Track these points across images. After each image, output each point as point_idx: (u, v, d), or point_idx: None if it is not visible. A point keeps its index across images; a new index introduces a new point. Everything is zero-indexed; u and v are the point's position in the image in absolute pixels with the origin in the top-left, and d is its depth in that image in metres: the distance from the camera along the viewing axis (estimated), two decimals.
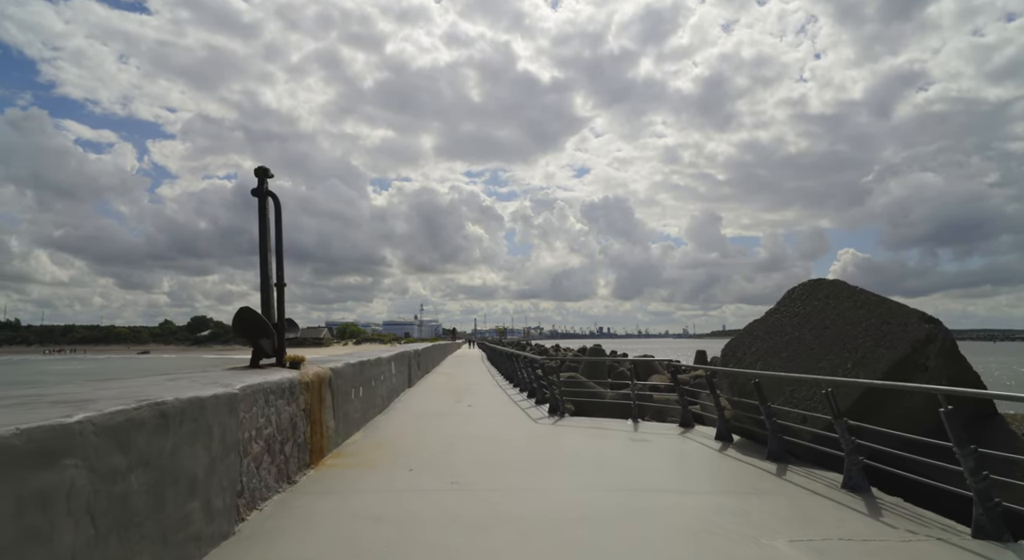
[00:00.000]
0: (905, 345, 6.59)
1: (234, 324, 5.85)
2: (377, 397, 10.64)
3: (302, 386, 5.99)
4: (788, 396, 7.30)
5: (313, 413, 6.35)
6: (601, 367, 16.08)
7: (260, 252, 6.58)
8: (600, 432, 9.16)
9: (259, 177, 6.65)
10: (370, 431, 8.86)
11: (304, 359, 6.60)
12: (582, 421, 10.47)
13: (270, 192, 6.72)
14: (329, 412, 7.11)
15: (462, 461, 6.74)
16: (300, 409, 5.87)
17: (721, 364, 8.71)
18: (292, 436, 5.59)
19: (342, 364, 7.94)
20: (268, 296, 6.53)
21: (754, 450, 7.55)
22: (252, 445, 4.52)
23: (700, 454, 7.50)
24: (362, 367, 9.21)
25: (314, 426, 6.37)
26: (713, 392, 8.52)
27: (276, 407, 5.12)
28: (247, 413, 4.41)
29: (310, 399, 6.25)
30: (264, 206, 6.63)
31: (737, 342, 8.66)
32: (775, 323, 8.33)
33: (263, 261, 6.56)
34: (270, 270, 6.60)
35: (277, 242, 6.72)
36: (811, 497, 5.30)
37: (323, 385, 6.80)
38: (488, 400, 13.47)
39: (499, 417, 10.72)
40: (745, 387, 7.93)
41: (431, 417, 10.46)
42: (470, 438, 8.33)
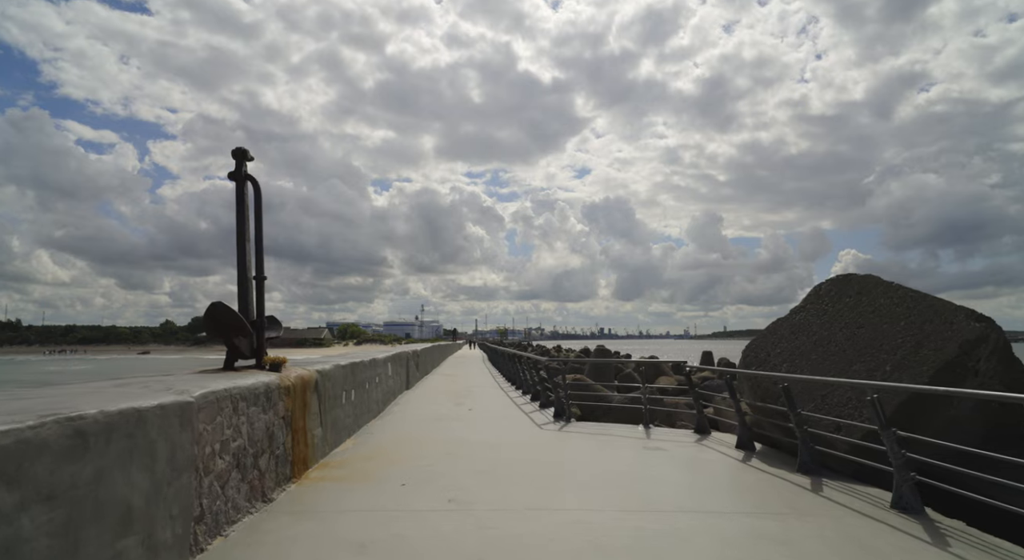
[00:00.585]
0: (952, 346, 5.94)
1: (205, 321, 5.21)
2: (372, 401, 10.00)
3: (282, 391, 5.35)
4: (819, 402, 6.65)
5: (295, 421, 5.71)
6: (607, 369, 15.42)
7: (237, 241, 5.95)
8: (610, 439, 8.51)
9: (236, 159, 6.02)
10: (363, 438, 8.21)
11: (286, 361, 5.96)
12: (589, 426, 9.82)
13: (249, 176, 6.08)
14: (315, 419, 6.47)
15: (461, 473, 6.09)
16: (279, 417, 5.23)
17: (742, 366, 8.07)
18: (269, 448, 4.95)
19: (331, 366, 7.30)
20: (246, 290, 5.89)
21: (781, 461, 6.90)
22: (215, 461, 3.88)
23: (722, 465, 6.85)
24: (354, 369, 8.57)
25: (296, 435, 5.73)
26: (733, 396, 7.87)
27: (248, 416, 4.48)
28: (208, 424, 3.77)
29: (291, 405, 5.61)
30: (242, 191, 6.00)
31: (760, 343, 8.01)
32: (801, 322, 7.68)
33: (240, 252, 5.92)
34: (248, 262, 5.96)
35: (256, 231, 6.08)
36: (859, 519, 4.65)
37: (307, 389, 6.16)
38: (490, 403, 12.83)
39: (501, 422, 10.07)
40: (771, 391, 7.29)
41: (429, 422, 9.82)
42: (470, 445, 7.69)
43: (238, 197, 5.98)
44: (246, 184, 6.05)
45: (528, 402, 12.94)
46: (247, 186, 6.07)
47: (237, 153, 6.01)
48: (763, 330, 8.14)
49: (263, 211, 6.13)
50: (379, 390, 10.85)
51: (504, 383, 18.51)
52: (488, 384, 18.12)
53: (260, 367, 5.81)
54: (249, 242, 6.01)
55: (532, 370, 13.65)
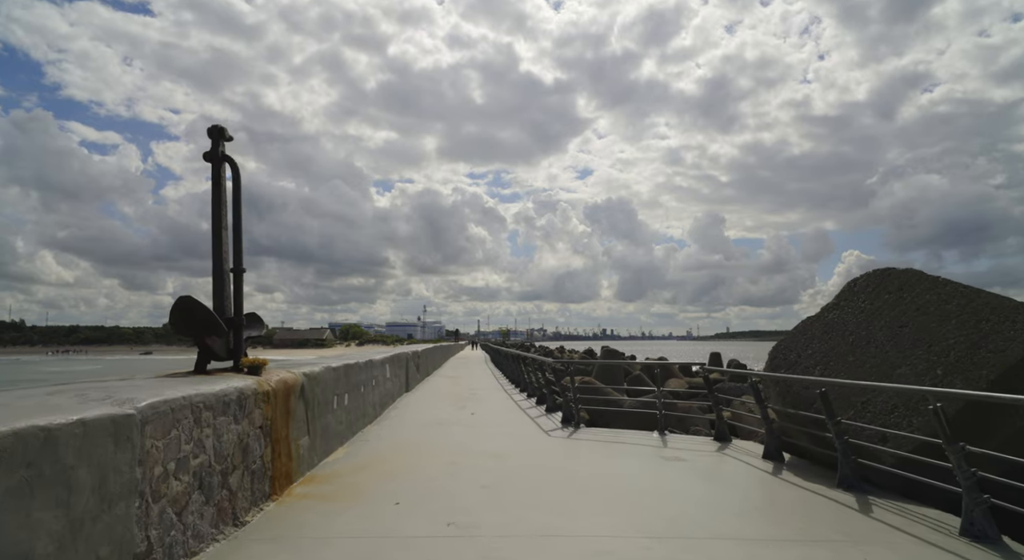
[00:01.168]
0: (1018, 347, 5.27)
1: (172, 318, 4.59)
2: (367, 405, 9.37)
3: (259, 397, 4.71)
4: (859, 409, 5.99)
5: (276, 430, 5.08)
6: (616, 371, 14.76)
7: (212, 229, 5.33)
8: (624, 448, 7.85)
9: (212, 138, 5.40)
10: (356, 446, 7.58)
11: (266, 362, 5.33)
12: (600, 433, 9.17)
13: (227, 156, 5.47)
14: (301, 426, 5.84)
15: (463, 489, 5.45)
16: (255, 427, 4.59)
17: (769, 369, 7.41)
18: (242, 462, 4.32)
19: (320, 368, 6.67)
20: (222, 284, 5.27)
21: (816, 474, 6.25)
22: (170, 483, 3.25)
23: (752, 479, 6.19)
24: (347, 371, 7.94)
25: (277, 446, 5.09)
26: (760, 402, 7.21)
27: (215, 427, 3.85)
28: (160, 440, 3.14)
29: (272, 413, 4.98)
30: (218, 173, 5.38)
31: (789, 343, 7.35)
32: (835, 321, 7.02)
33: (216, 241, 5.30)
34: (225, 252, 5.34)
35: (235, 217, 5.46)
36: (925, 549, 3.99)
37: (291, 394, 5.53)
38: (493, 407, 12.19)
39: (506, 427, 9.43)
40: (803, 397, 6.63)
41: (429, 428, 9.18)
42: (473, 455, 7.04)
43: (214, 180, 5.36)
44: (223, 165, 5.43)
45: (533, 406, 12.30)
46: (224, 167, 5.45)
47: (213, 131, 5.39)
48: (792, 330, 7.48)
49: (242, 195, 5.50)
50: (376, 393, 10.22)
51: (508, 385, 17.87)
52: (491, 386, 17.48)
53: (237, 370, 5.19)
54: (226, 230, 5.39)
55: (538, 372, 13.01)
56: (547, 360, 11.49)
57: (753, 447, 8.01)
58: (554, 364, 10.45)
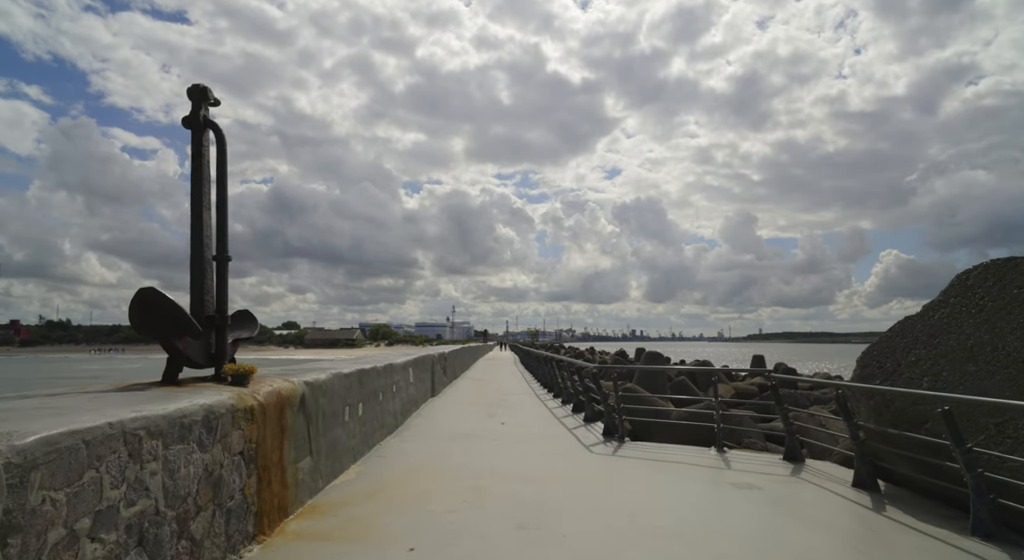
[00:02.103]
0: None
1: (131, 314, 3.68)
2: (386, 413, 8.43)
3: (240, 415, 3.77)
4: (992, 433, 4.74)
5: (264, 454, 4.13)
6: (659, 377, 13.54)
7: (191, 208, 4.42)
8: (681, 470, 6.71)
9: (193, 101, 4.50)
10: (371, 464, 6.63)
11: (254, 370, 4.39)
12: (648, 449, 8.03)
13: (210, 122, 4.56)
14: (301, 446, 4.90)
15: (492, 527, 4.42)
16: (232, 453, 3.65)
17: (859, 377, 6.17)
18: (212, 501, 3.38)
19: (327, 375, 5.73)
20: (202, 275, 4.36)
21: (929, 511, 5.02)
22: (80, 550, 2.30)
23: (852, 517, 4.99)
24: (362, 377, 7.00)
25: (265, 474, 4.15)
26: (848, 419, 5.99)
27: (165, 460, 2.90)
28: (61, 490, 2.19)
29: (258, 433, 4.04)
30: (200, 141, 4.47)
31: (884, 348, 6.10)
32: (944, 321, 5.74)
33: (195, 223, 4.39)
34: (206, 236, 4.43)
35: (220, 195, 4.55)
36: None
37: (286, 408, 4.58)
38: (526, 415, 11.14)
39: (541, 442, 8.36)
40: (906, 414, 5.41)
41: (454, 441, 8.19)
42: (504, 479, 6.01)
43: (194, 150, 4.45)
44: (206, 132, 4.52)
45: (569, 414, 11.21)
46: (207, 135, 4.54)
47: (194, 92, 4.49)
48: (887, 332, 6.22)
49: (227, 168, 4.58)
50: (397, 400, 9.29)
51: (539, 389, 16.80)
52: (522, 391, 16.44)
53: (219, 379, 4.27)
54: (208, 210, 4.48)
55: (574, 377, 11.91)
56: (586, 364, 10.37)
57: (833, 470, 6.77)
58: (595, 369, 9.34)
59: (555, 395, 14.55)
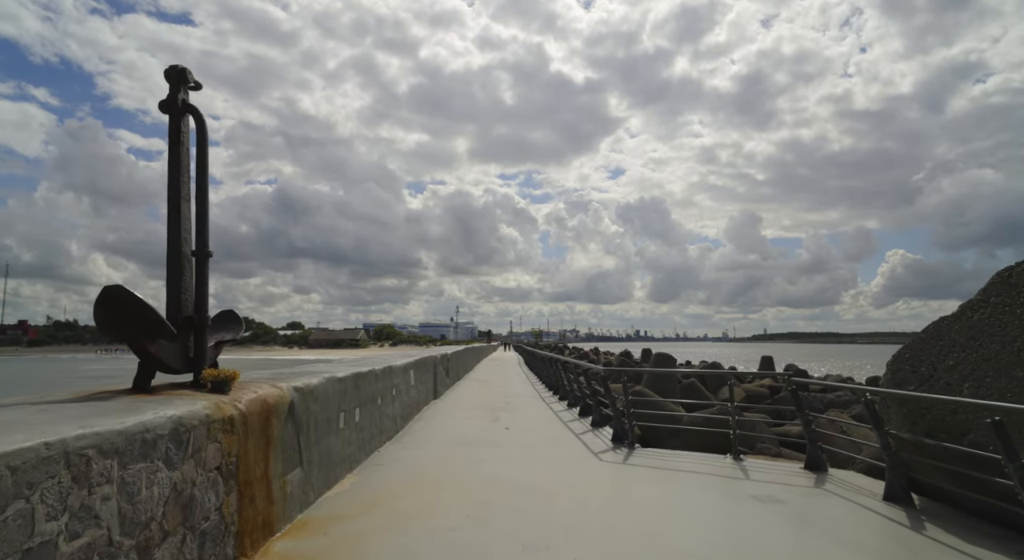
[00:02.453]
0: None
1: (96, 313, 3.32)
2: (386, 418, 8.06)
3: (217, 426, 3.40)
4: None
5: (247, 468, 3.76)
6: (668, 379, 13.11)
7: (168, 199, 4.06)
8: (697, 479, 6.31)
9: (171, 82, 4.14)
10: (368, 474, 6.26)
11: (236, 375, 4.02)
12: (660, 456, 7.63)
13: (190, 106, 4.20)
14: (291, 456, 4.53)
15: (497, 550, 4.04)
16: (207, 469, 3.28)
17: (891, 383, 5.75)
18: (183, 524, 3.01)
19: (319, 379, 5.36)
20: (179, 271, 4.00)
21: (973, 531, 4.61)
22: None
23: (890, 538, 4.57)
24: (358, 381, 6.63)
25: (248, 489, 3.78)
26: (879, 427, 5.57)
27: (122, 482, 2.54)
28: None
29: (240, 445, 3.67)
30: (178, 127, 4.11)
31: (918, 351, 5.68)
32: (986, 322, 5.32)
33: (173, 215, 4.03)
34: (185, 229, 4.07)
35: (199, 185, 4.19)
36: None
37: (272, 417, 4.21)
38: (530, 419, 10.74)
39: (547, 448, 7.97)
40: (944, 423, 5.00)
41: (456, 448, 7.80)
42: (508, 490, 5.63)
43: (172, 136, 4.09)
44: (184, 118, 4.16)
45: (576, 418, 10.81)
46: (186, 121, 4.18)
47: (172, 74, 4.13)
48: (921, 333, 5.80)
49: (208, 156, 4.22)
50: (397, 404, 8.92)
51: (544, 391, 16.41)
52: (526, 393, 16.05)
53: (198, 386, 3.90)
54: (187, 201, 4.12)
55: (581, 379, 11.51)
56: (594, 366, 9.97)
57: (859, 480, 6.37)
58: (603, 371, 8.94)
59: (560, 397, 14.16)
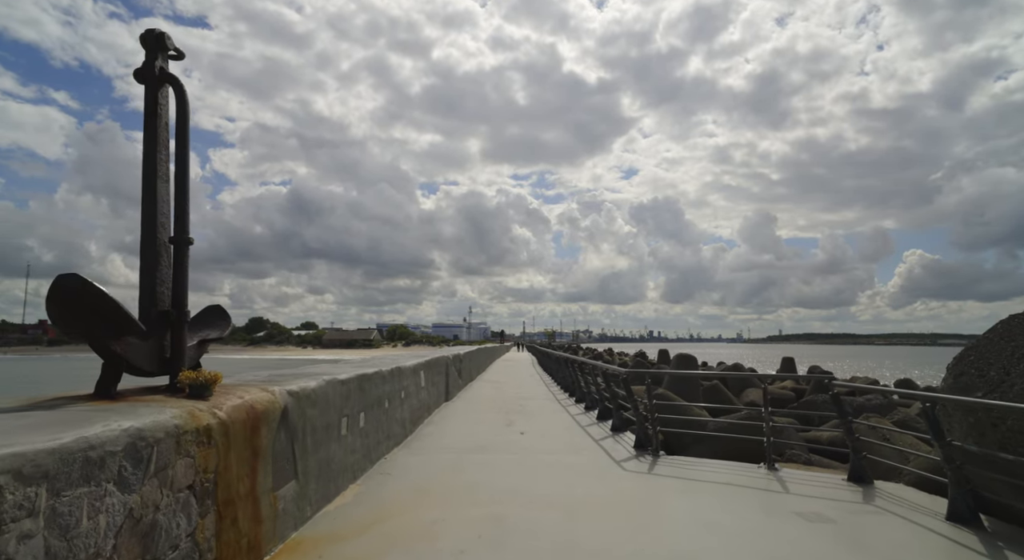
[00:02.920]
0: None
1: (49, 307, 2.86)
2: (393, 422, 7.59)
3: (192, 437, 2.93)
4: None
5: (227, 485, 3.29)
6: (692, 382, 12.51)
7: (143, 179, 3.60)
8: (731, 492, 5.74)
9: (148, 49, 3.68)
10: (372, 484, 5.78)
11: (218, 378, 3.54)
12: (688, 465, 7.06)
13: (169, 75, 3.74)
14: (284, 468, 4.06)
15: None
16: (177, 489, 2.80)
17: (953, 388, 5.15)
18: (140, 557, 2.53)
19: (318, 382, 4.89)
20: (155, 261, 3.54)
21: None
22: None
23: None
24: (363, 384, 6.16)
25: (229, 510, 3.30)
26: (939, 438, 4.97)
27: (52, 513, 2.06)
28: None
29: (218, 459, 3.19)
30: (155, 99, 3.65)
31: (985, 353, 5.07)
32: None
33: (147, 196, 3.58)
34: (162, 214, 3.61)
35: (179, 164, 3.73)
36: None
37: (261, 425, 3.73)
38: (546, 424, 10.22)
39: (565, 455, 7.45)
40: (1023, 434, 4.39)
41: (469, 455, 7.31)
42: (526, 504, 5.12)
43: (147, 108, 3.63)
44: (163, 89, 3.70)
45: (594, 422, 10.27)
46: (165, 92, 3.72)
47: (149, 39, 3.68)
48: (986, 334, 5.20)
49: (189, 132, 3.75)
50: (406, 407, 8.45)
51: (559, 393, 15.87)
52: (541, 394, 15.52)
53: (175, 390, 3.43)
54: (165, 182, 3.66)
55: (599, 380, 10.95)
56: (616, 368, 9.42)
57: (911, 494, 5.76)
58: (625, 373, 8.39)
59: (577, 400, 13.62)
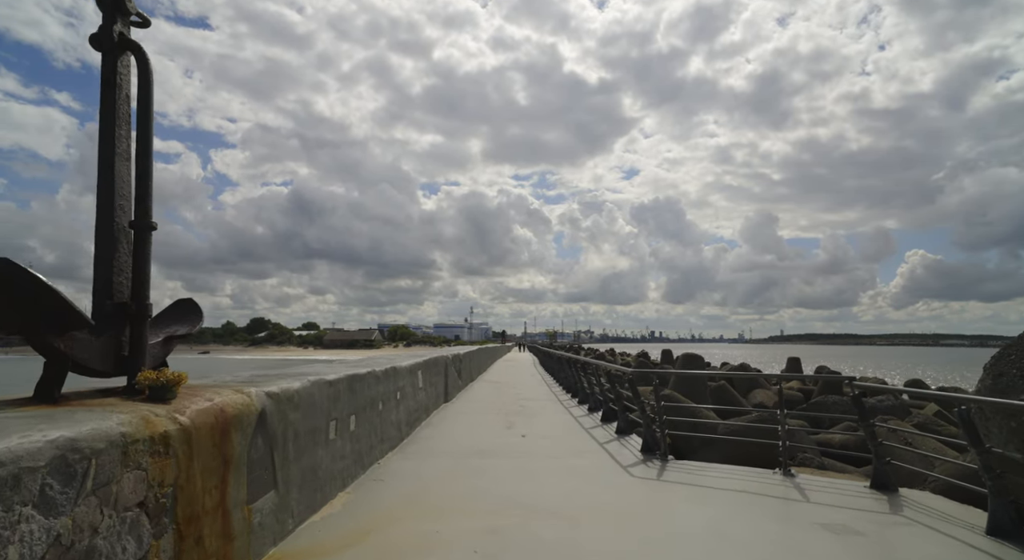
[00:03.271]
0: None
1: None
2: (388, 425, 7.21)
3: (144, 447, 2.55)
4: None
5: (188, 502, 2.91)
6: (699, 383, 12.12)
7: (100, 156, 3.23)
8: (747, 501, 5.36)
9: (105, 12, 3.31)
10: (363, 491, 5.40)
11: (183, 378, 3.16)
12: (697, 470, 6.67)
13: (130, 42, 3.36)
14: (261, 478, 3.68)
15: None
16: (124, 508, 2.42)
17: (991, 391, 4.75)
18: None
19: (303, 383, 4.51)
20: (111, 247, 3.16)
21: None
22: None
23: None
24: (353, 384, 5.78)
25: (191, 528, 2.92)
26: (977, 444, 4.57)
27: None
28: None
29: (178, 471, 2.81)
30: (114, 68, 3.28)
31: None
32: None
33: (104, 175, 3.20)
34: (120, 196, 3.24)
35: (141, 141, 3.35)
36: None
37: (232, 431, 3.35)
38: (549, 425, 9.83)
39: (569, 460, 7.07)
40: None
41: (466, 460, 6.93)
42: (528, 516, 4.73)
43: (105, 77, 3.26)
44: (124, 57, 3.33)
45: (598, 424, 9.88)
46: (126, 61, 3.34)
47: (107, 1, 3.30)
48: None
49: (153, 106, 3.38)
50: (402, 409, 8.07)
51: (561, 394, 15.49)
52: (543, 396, 15.13)
53: (133, 392, 3.06)
54: (125, 160, 3.28)
55: (604, 381, 10.56)
56: (621, 368, 9.02)
57: (940, 504, 5.37)
58: (632, 373, 8.00)
59: (580, 401, 13.24)
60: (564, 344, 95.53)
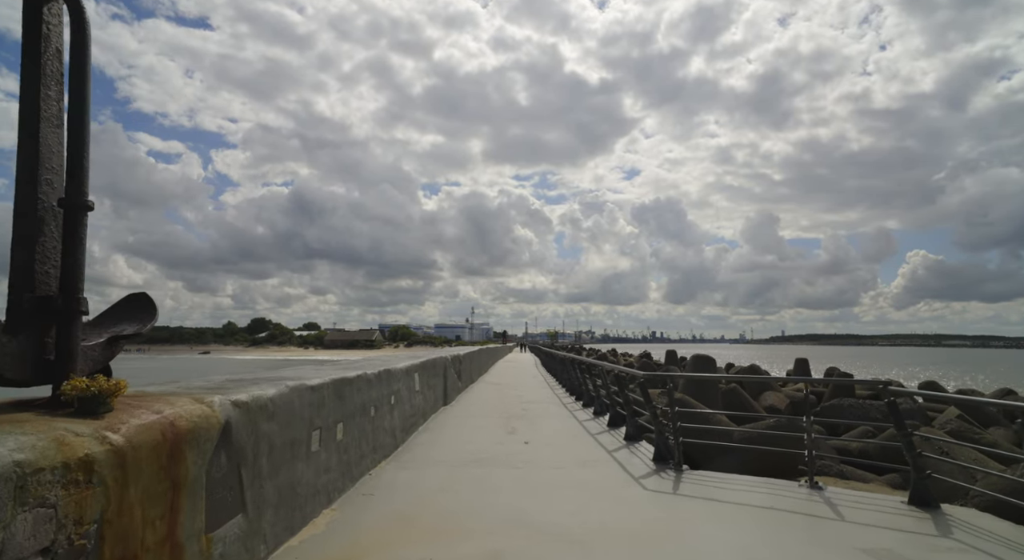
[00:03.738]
0: None
1: None
2: (381, 432, 6.68)
3: (54, 476, 2.02)
4: None
5: (119, 537, 2.37)
6: (711, 387, 11.57)
7: (21, 121, 2.69)
8: (775, 518, 4.82)
9: None
10: (351, 508, 4.87)
11: (121, 387, 2.62)
12: (716, 482, 6.12)
13: None
14: (228, 500, 3.15)
15: None
16: (19, 555, 1.90)
17: None
18: None
19: (279, 389, 3.98)
20: (35, 230, 2.63)
21: None
22: None
23: None
24: (340, 389, 5.24)
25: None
26: None
27: None
28: None
29: (106, 502, 2.28)
30: (40, 18, 2.74)
31: None
32: None
33: (27, 143, 2.67)
34: (47, 169, 2.71)
35: (75, 104, 2.82)
36: None
37: (183, 450, 2.82)
38: (553, 431, 9.30)
39: (576, 470, 6.53)
40: None
41: (466, 469, 6.40)
42: (532, 536, 4.20)
43: (28, 32, 2.72)
44: (53, 4, 2.79)
45: (604, 429, 9.34)
46: (56, 9, 2.81)
47: None
48: None
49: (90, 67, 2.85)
50: (396, 414, 7.54)
51: (565, 396, 14.95)
52: (546, 398, 14.59)
53: (58, 404, 2.53)
54: (54, 127, 2.75)
55: (611, 384, 10.02)
56: (630, 370, 8.48)
57: (989, 523, 4.83)
58: (643, 376, 7.45)
59: (584, 404, 12.69)
60: (565, 344, 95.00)
